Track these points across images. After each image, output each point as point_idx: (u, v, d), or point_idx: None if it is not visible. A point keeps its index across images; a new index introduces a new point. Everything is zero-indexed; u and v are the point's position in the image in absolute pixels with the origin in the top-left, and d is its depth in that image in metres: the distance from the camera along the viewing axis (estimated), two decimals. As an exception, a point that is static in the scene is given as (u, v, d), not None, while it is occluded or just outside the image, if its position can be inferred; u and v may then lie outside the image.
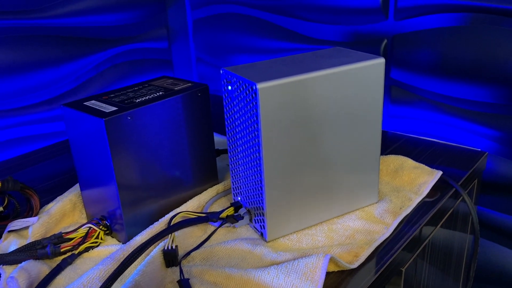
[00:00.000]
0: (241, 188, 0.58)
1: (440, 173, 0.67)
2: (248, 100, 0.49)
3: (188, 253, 0.53)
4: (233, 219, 0.56)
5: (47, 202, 0.67)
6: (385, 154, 0.80)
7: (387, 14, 0.85)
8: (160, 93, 0.59)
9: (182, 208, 0.61)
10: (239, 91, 0.51)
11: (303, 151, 0.53)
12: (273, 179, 0.52)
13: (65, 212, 0.63)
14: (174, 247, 0.52)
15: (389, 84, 0.90)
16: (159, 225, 0.57)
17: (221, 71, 0.53)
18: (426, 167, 0.68)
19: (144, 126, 0.55)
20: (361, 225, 0.58)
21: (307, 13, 0.96)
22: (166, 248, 0.52)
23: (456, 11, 0.77)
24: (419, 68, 0.84)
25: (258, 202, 0.54)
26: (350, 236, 0.56)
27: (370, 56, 0.55)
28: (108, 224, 0.59)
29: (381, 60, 0.54)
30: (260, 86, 0.47)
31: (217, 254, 0.54)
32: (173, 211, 0.60)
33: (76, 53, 1.01)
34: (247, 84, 0.48)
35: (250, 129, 0.51)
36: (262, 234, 0.56)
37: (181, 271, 0.49)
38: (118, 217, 0.57)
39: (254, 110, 0.49)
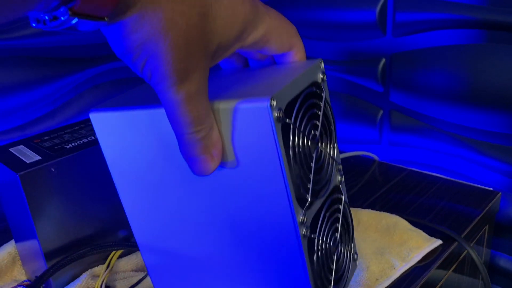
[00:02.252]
0: None
1: (439, 242, 0.55)
2: None
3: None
4: None
5: (-13, 253, 0.59)
6: (385, 190, 0.69)
7: (385, 30, 0.75)
8: (100, 134, 0.50)
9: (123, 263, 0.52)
10: None
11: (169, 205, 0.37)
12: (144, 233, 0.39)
13: (1, 267, 0.55)
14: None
15: (389, 108, 0.79)
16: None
17: None
18: (424, 233, 0.56)
19: (72, 177, 0.46)
20: None
21: (300, 28, 0.86)
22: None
23: (462, 27, 0.66)
24: (421, 91, 0.74)
25: None
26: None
27: (253, 92, 0.31)
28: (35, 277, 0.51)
29: (264, 104, 0.29)
30: (92, 115, 0.35)
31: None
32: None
33: (51, 74, 0.94)
34: None
35: None
36: None
37: None
38: (49, 281, 0.48)
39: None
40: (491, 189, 0.68)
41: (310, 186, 0.34)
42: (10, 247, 0.57)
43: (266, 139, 0.30)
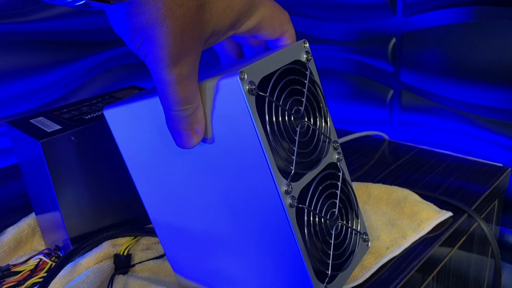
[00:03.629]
0: None
1: (449, 214, 0.56)
2: None
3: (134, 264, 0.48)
4: None
5: (7, 226, 0.61)
6: (394, 167, 0.70)
7: (395, 9, 0.75)
8: (117, 107, 0.51)
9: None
10: None
11: (173, 189, 0.40)
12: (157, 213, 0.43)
13: (21, 238, 0.57)
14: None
15: (400, 88, 0.80)
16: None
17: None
18: (434, 205, 0.57)
19: (92, 146, 0.48)
20: None
21: (309, 10, 0.87)
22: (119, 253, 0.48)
23: (472, 4, 0.67)
24: (431, 70, 0.74)
25: None
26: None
27: (228, 69, 0.35)
28: (62, 255, 0.52)
29: (234, 78, 0.32)
30: (106, 112, 0.40)
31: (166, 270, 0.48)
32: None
33: (64, 58, 0.95)
34: None
35: None
36: None
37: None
38: (69, 247, 0.50)
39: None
40: (501, 164, 0.68)
41: (294, 157, 0.35)
42: (30, 219, 0.59)
43: (241, 111, 0.32)
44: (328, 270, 0.38)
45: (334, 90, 0.89)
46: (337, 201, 0.40)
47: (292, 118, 0.36)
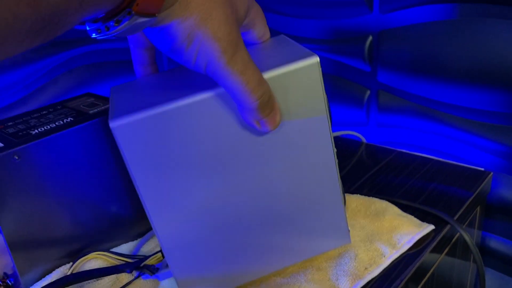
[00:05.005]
0: None
1: (431, 227, 0.52)
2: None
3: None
4: (150, 267, 0.43)
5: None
6: (373, 172, 0.67)
7: (371, 6, 0.72)
8: (69, 119, 0.46)
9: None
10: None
11: (205, 194, 0.38)
12: (170, 234, 0.39)
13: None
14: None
15: (377, 88, 0.76)
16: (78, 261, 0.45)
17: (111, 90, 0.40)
18: (415, 218, 0.53)
19: (40, 166, 0.43)
20: None
21: (283, 6, 0.83)
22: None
23: (451, 1, 0.64)
24: (410, 69, 0.71)
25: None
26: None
27: (297, 52, 0.37)
28: (11, 283, 0.47)
29: (315, 60, 0.36)
30: (113, 125, 0.33)
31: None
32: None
33: (22, 58, 0.89)
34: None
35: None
36: None
37: None
38: (16, 276, 0.45)
39: (121, 153, 0.35)
40: (482, 169, 0.66)
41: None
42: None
43: (316, 92, 0.37)
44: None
45: (310, 90, 0.85)
46: None
47: None
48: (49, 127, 0.45)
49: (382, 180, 0.65)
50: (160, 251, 0.45)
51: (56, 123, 0.45)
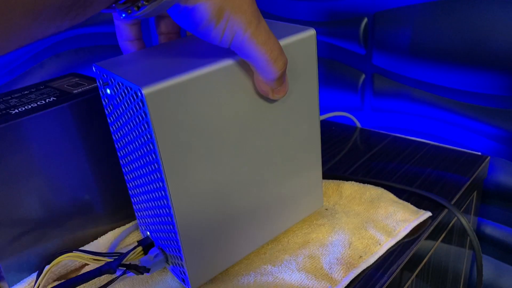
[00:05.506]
0: (147, 221, 0.43)
1: (428, 214, 0.51)
2: (135, 109, 0.34)
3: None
4: (140, 268, 0.41)
5: None
6: (368, 157, 0.65)
7: (367, -14, 0.70)
8: (52, 98, 0.44)
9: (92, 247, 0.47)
10: (121, 97, 0.36)
11: (222, 164, 0.38)
12: (186, 208, 0.37)
13: None
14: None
15: (372, 72, 0.75)
16: (44, 271, 0.43)
17: (93, 68, 0.37)
18: (411, 205, 0.52)
19: (20, 147, 0.40)
20: (298, 281, 0.41)
21: (275, -12, 0.80)
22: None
23: (450, -20, 0.62)
24: (406, 52, 0.69)
25: (171, 240, 0.40)
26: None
27: (295, 28, 0.41)
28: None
29: (311, 32, 0.40)
30: (146, 91, 0.32)
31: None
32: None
33: (6, 41, 0.86)
34: (129, 88, 0.33)
35: (144, 147, 0.36)
36: (183, 281, 0.42)
37: None
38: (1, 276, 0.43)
39: (145, 124, 0.34)
40: (479, 153, 0.64)
41: None
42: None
43: (312, 62, 0.41)
44: None
45: (303, 75, 0.83)
46: None
47: None
48: (30, 106, 0.42)
49: (377, 165, 0.63)
50: (138, 245, 0.43)
51: (38, 103, 0.43)
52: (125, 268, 0.41)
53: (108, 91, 0.37)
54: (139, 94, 0.32)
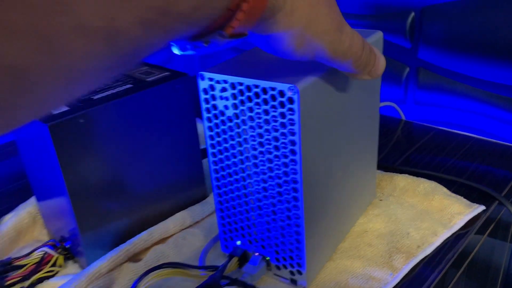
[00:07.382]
0: (246, 228, 0.43)
1: (481, 208, 0.52)
2: (272, 109, 0.35)
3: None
4: (248, 286, 0.40)
5: (3, 213, 0.56)
6: (414, 149, 0.67)
7: (416, -19, 0.71)
8: (128, 85, 0.46)
9: (161, 229, 0.49)
10: (249, 99, 0.36)
11: (333, 157, 0.42)
12: (312, 202, 0.39)
13: (21, 228, 0.53)
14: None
15: (416, 65, 0.76)
16: (125, 248, 0.46)
17: (199, 78, 0.38)
18: (464, 199, 0.53)
19: (103, 129, 0.43)
20: (360, 267, 0.43)
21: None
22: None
23: (503, -23, 0.62)
24: (452, 47, 0.70)
25: (287, 241, 0.40)
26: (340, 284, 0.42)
27: (363, 32, 0.43)
28: (68, 246, 0.48)
29: (379, 35, 0.45)
30: (301, 87, 0.34)
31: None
32: (153, 249, 0.48)
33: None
34: (272, 88, 0.34)
35: (279, 145, 0.37)
36: (293, 282, 0.42)
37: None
38: (76, 237, 0.46)
39: (289, 122, 0.35)
40: (526, 148, 0.65)
41: None
42: (30, 207, 0.54)
43: None
44: None
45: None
46: None
47: None
48: (110, 92, 0.45)
49: (423, 158, 0.65)
50: (232, 256, 0.43)
51: (117, 89, 0.45)
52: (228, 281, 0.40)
53: (225, 94, 0.37)
54: (288, 92, 0.34)
